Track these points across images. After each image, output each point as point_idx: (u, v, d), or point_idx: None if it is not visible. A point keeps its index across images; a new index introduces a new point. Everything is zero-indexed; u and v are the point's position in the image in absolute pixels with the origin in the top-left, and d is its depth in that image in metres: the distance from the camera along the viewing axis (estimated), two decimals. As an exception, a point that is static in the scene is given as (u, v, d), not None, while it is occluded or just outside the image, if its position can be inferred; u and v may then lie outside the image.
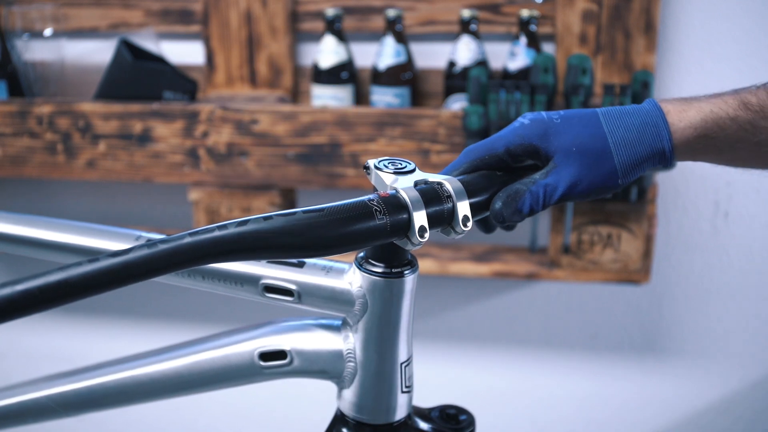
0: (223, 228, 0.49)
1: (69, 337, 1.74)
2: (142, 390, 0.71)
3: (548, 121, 0.63)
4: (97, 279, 0.44)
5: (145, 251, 0.46)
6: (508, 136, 0.64)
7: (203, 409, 1.71)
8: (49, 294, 0.43)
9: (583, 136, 0.62)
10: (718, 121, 0.63)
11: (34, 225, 0.72)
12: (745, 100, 0.63)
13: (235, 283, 0.65)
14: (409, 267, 0.61)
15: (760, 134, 0.63)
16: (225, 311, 1.63)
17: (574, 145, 0.62)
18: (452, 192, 0.58)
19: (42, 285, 0.43)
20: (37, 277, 0.43)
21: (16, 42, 1.50)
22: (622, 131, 0.63)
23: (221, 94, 1.50)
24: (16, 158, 1.43)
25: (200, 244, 0.48)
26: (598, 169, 0.62)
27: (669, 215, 1.45)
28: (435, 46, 1.45)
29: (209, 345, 0.69)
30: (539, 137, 0.63)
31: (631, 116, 0.63)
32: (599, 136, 0.62)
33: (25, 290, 0.43)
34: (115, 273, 0.45)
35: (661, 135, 0.63)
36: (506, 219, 0.61)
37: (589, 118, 0.63)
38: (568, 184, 0.62)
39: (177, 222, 1.59)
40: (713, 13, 1.36)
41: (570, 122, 0.63)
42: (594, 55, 1.34)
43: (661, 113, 0.63)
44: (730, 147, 0.64)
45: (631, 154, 0.62)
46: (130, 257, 0.45)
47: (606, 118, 0.63)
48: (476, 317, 1.58)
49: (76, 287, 0.44)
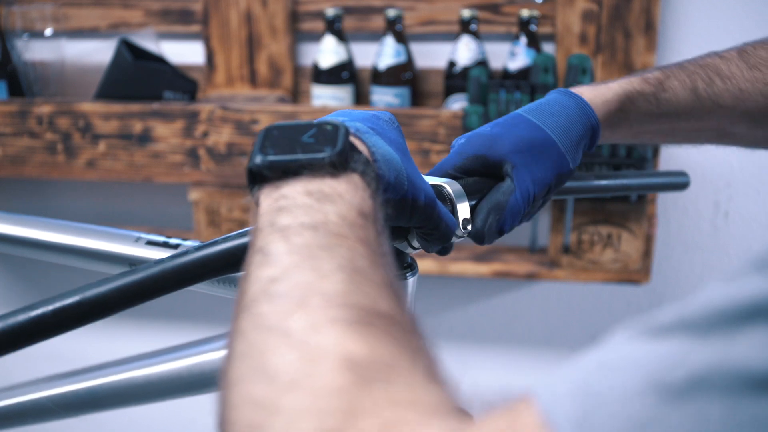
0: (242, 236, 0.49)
1: (69, 337, 1.73)
2: (141, 391, 0.71)
3: (482, 132, 0.64)
4: (114, 298, 0.45)
5: (182, 259, 0.47)
6: (453, 158, 0.64)
7: (203, 409, 1.71)
8: (66, 316, 0.44)
9: (523, 133, 0.63)
10: (628, 94, 0.68)
11: (34, 225, 0.72)
12: (644, 78, 0.69)
13: (234, 285, 0.65)
14: (409, 270, 0.61)
15: (661, 106, 0.69)
16: (225, 313, 1.62)
17: (520, 142, 0.63)
18: (452, 195, 0.58)
19: (57, 308, 0.44)
20: (52, 300, 0.44)
21: (16, 42, 1.50)
22: (549, 118, 0.64)
23: (221, 94, 1.50)
24: (16, 158, 1.43)
25: (234, 250, 0.48)
26: (550, 157, 0.63)
27: (669, 215, 1.45)
28: (435, 46, 1.45)
29: (209, 347, 0.69)
30: (483, 147, 0.63)
31: (552, 105, 0.66)
32: (534, 128, 0.64)
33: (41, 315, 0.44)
34: (134, 290, 0.46)
35: (587, 113, 0.66)
36: (484, 241, 0.61)
37: (517, 118, 0.65)
38: (534, 181, 0.63)
39: (177, 222, 1.59)
40: (713, 13, 1.36)
41: (503, 126, 0.64)
42: (594, 55, 1.34)
43: (577, 96, 0.66)
44: (641, 120, 0.69)
45: (569, 136, 0.64)
46: (166, 266, 0.47)
47: (530, 113, 0.65)
48: (476, 317, 1.58)
49: (96, 306, 0.45)
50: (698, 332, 0.26)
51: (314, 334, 0.32)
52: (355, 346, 0.31)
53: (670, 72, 0.70)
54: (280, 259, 0.37)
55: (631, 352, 0.27)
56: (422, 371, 0.32)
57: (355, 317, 0.33)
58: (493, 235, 0.61)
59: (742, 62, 0.70)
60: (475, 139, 0.64)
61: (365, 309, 0.34)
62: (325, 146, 0.43)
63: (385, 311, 0.34)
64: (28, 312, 0.43)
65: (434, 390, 0.31)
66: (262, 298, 0.35)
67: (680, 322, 0.27)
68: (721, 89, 0.69)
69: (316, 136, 0.43)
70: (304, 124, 0.45)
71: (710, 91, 0.69)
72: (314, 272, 0.36)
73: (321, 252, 0.37)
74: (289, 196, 0.41)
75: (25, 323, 0.43)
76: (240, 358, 0.33)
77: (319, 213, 0.40)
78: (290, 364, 0.31)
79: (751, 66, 0.70)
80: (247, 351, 0.33)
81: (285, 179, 0.42)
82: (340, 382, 0.30)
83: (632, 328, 0.29)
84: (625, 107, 0.68)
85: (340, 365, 0.30)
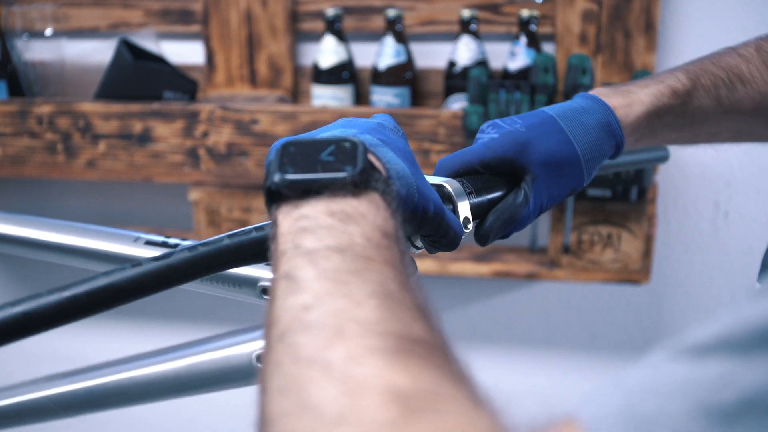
0: (260, 229, 0.49)
1: (69, 337, 1.74)
2: (141, 391, 0.71)
3: (515, 132, 0.63)
4: (142, 282, 0.45)
5: (187, 254, 0.47)
6: (481, 150, 0.63)
7: (203, 409, 1.71)
8: (96, 298, 0.44)
9: (554, 146, 0.63)
10: (657, 111, 0.67)
11: (34, 225, 0.72)
12: (674, 89, 0.68)
13: (233, 285, 0.65)
14: (409, 269, 0.61)
15: (687, 117, 0.69)
16: (223, 313, 1.63)
17: (550, 156, 0.62)
18: (453, 194, 0.58)
19: (89, 290, 0.44)
20: (82, 283, 0.44)
21: (16, 42, 1.50)
22: (582, 134, 0.64)
23: (221, 94, 1.50)
24: (16, 158, 1.43)
25: (240, 246, 0.48)
26: (571, 175, 0.63)
27: (669, 215, 1.45)
28: (435, 46, 1.45)
29: (208, 347, 0.69)
30: (513, 151, 0.62)
31: (585, 116, 0.65)
32: (566, 142, 0.63)
33: (72, 296, 0.43)
34: (159, 277, 0.46)
35: (615, 134, 0.65)
36: (488, 243, 0.62)
37: (551, 124, 0.64)
38: (550, 198, 0.63)
39: (177, 222, 1.59)
40: (713, 13, 1.36)
41: (536, 131, 0.63)
42: (594, 55, 1.34)
43: (610, 111, 0.65)
44: (665, 132, 0.69)
45: (594, 156, 0.64)
46: (172, 260, 0.46)
47: (564, 121, 0.64)
48: (476, 317, 1.58)
49: (124, 291, 0.45)
50: (741, 352, 0.27)
51: (355, 366, 0.31)
52: (398, 377, 0.31)
53: (696, 78, 0.68)
54: (310, 285, 0.36)
55: (674, 373, 0.27)
56: (467, 397, 0.31)
57: (394, 345, 0.32)
58: (496, 239, 0.62)
59: (761, 63, 0.69)
60: (508, 139, 0.63)
61: (402, 336, 0.33)
62: (346, 165, 0.42)
63: (421, 336, 0.34)
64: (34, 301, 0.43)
65: (482, 416, 0.31)
66: (296, 327, 0.34)
67: (720, 342, 0.27)
68: (742, 94, 0.69)
69: (335, 154, 0.43)
70: (321, 141, 0.44)
71: (732, 97, 0.69)
72: (347, 299, 0.35)
73: (351, 277, 0.36)
74: (311, 216, 0.40)
75: (26, 313, 0.43)
76: (279, 393, 0.32)
77: (344, 235, 0.39)
78: (335, 399, 0.30)
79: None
80: (287, 385, 0.32)
81: (305, 199, 0.42)
82: (388, 415, 0.29)
83: (670, 348, 0.29)
84: (652, 123, 0.67)
85: (386, 397, 0.30)
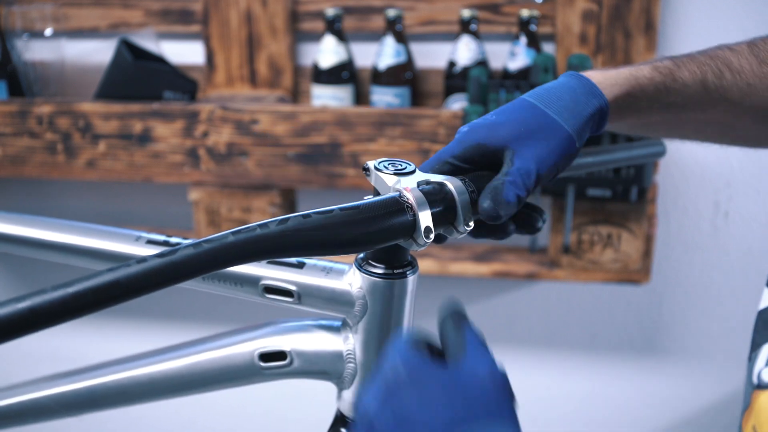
0: (264, 227, 0.49)
1: (69, 337, 1.74)
2: (142, 390, 0.71)
3: (482, 120, 0.64)
4: (145, 279, 0.45)
5: (191, 251, 0.47)
6: (452, 145, 0.64)
7: (203, 409, 1.71)
8: (100, 295, 0.44)
9: (525, 119, 0.63)
10: (638, 80, 0.67)
11: (34, 225, 0.72)
12: (655, 66, 0.69)
13: (235, 284, 0.65)
14: (410, 268, 0.61)
15: (670, 95, 0.68)
16: (225, 312, 1.63)
17: (522, 128, 0.62)
18: (454, 192, 0.59)
19: (94, 286, 0.44)
20: (87, 279, 0.44)
21: (16, 42, 1.50)
22: (557, 102, 0.64)
23: (221, 94, 1.50)
24: (16, 158, 1.43)
25: (245, 243, 0.48)
26: (555, 139, 0.63)
27: (669, 215, 1.45)
28: (435, 46, 1.45)
29: (209, 345, 0.69)
30: (480, 136, 0.63)
31: (557, 88, 0.65)
32: (539, 113, 0.63)
33: (78, 292, 0.43)
34: (162, 273, 0.45)
35: (594, 92, 0.65)
36: (499, 214, 0.59)
37: (521, 104, 0.64)
38: (536, 160, 0.62)
39: (177, 222, 1.59)
40: (713, 13, 1.36)
41: (505, 113, 0.64)
42: (594, 55, 1.34)
43: (584, 77, 0.66)
44: (649, 108, 0.69)
45: (575, 115, 0.64)
46: (176, 257, 0.46)
47: (535, 98, 0.65)
48: (476, 317, 1.57)
49: (127, 288, 0.44)
50: None
51: None
52: None
53: (681, 62, 0.69)
54: None
55: None
56: None
57: None
58: (497, 214, 0.59)
59: (753, 56, 0.70)
60: (476, 128, 0.64)
61: None
62: None
63: None
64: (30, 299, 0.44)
65: None
66: None
67: None
68: (730, 83, 0.69)
69: None
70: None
71: (719, 84, 0.69)
72: None
73: None
74: None
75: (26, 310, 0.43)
76: None
77: None
78: None
79: (761, 61, 0.70)
80: None
81: None
82: None
83: None
84: (634, 92, 0.67)
85: None
